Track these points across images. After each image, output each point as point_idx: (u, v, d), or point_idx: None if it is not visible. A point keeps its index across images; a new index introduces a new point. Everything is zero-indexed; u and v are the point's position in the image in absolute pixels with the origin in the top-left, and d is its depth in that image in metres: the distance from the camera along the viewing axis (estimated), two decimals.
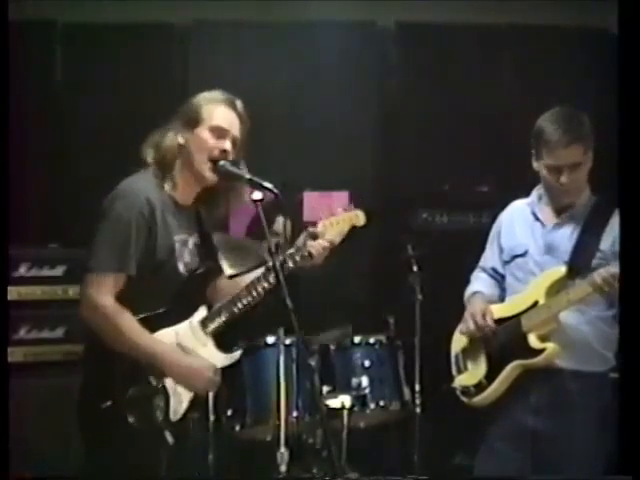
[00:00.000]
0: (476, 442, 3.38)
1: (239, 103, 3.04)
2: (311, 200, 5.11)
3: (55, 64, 5.17)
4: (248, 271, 3.20)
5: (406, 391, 4.04)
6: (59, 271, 4.38)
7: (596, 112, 4.93)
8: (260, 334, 3.85)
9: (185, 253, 3.00)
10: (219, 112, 2.99)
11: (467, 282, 3.55)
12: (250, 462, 4.07)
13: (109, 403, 2.78)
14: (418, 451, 4.24)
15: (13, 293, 4.22)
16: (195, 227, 3.06)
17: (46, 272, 4.38)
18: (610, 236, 3.16)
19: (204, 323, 3.01)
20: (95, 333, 2.82)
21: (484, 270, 3.52)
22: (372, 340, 4.07)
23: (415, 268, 4.40)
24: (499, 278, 3.46)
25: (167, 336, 2.91)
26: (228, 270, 3.33)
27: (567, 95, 5.06)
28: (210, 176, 2.96)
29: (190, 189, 3.01)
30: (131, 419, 2.78)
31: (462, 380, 3.41)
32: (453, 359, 3.48)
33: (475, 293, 3.46)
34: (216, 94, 3.04)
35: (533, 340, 3.16)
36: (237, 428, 3.84)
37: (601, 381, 3.19)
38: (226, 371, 3.06)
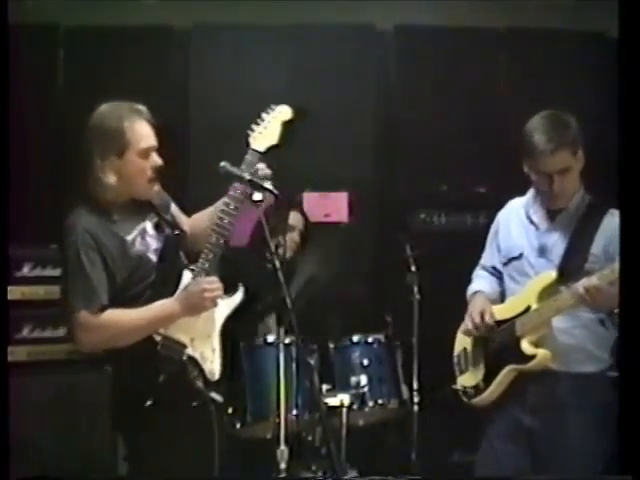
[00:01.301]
0: (474, 440, 3.39)
1: (145, 110, 3.01)
2: (311, 200, 5.14)
3: (57, 67, 5.19)
4: None
5: (404, 389, 4.07)
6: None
7: (594, 114, 5.03)
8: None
9: (149, 239, 3.02)
10: (141, 133, 2.95)
11: (465, 282, 3.56)
12: (250, 460, 4.09)
13: (150, 402, 2.83)
14: (416, 449, 4.26)
15: (16, 293, 4.25)
16: (147, 211, 3.06)
17: (49, 272, 4.40)
18: (602, 239, 3.16)
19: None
20: (108, 349, 2.91)
21: (485, 268, 3.53)
22: (371, 339, 4.10)
23: (413, 268, 4.41)
24: (500, 276, 3.46)
25: None
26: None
27: (565, 97, 5.13)
28: (155, 189, 3.00)
29: (124, 199, 3.01)
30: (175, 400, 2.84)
31: (463, 381, 3.43)
32: (455, 359, 3.49)
33: (476, 292, 3.46)
34: (125, 110, 2.98)
35: (525, 345, 3.15)
36: (237, 426, 3.86)
37: (597, 381, 3.18)
38: (226, 369, 3.08)
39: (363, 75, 5.32)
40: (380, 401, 3.98)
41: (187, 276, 3.02)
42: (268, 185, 2.91)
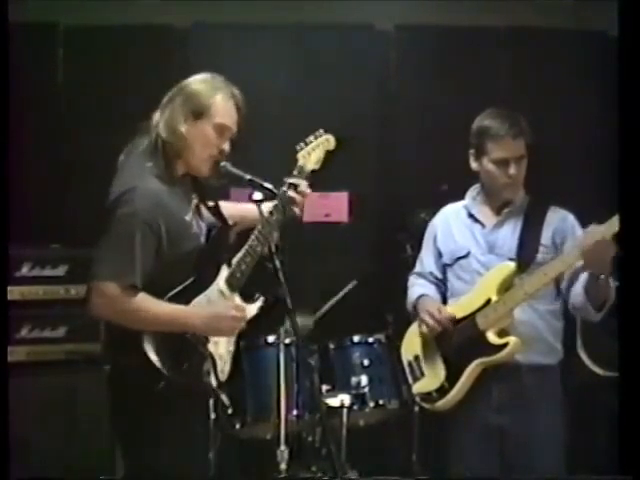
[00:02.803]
0: None
1: (238, 93, 2.99)
2: (311, 200, 5.12)
3: (56, 66, 5.18)
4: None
5: (405, 390, 4.06)
6: (61, 271, 4.40)
7: (594, 113, 5.02)
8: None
9: (201, 223, 2.97)
10: (224, 108, 2.93)
11: None
12: (250, 460, 4.09)
13: (162, 384, 2.76)
14: (417, 449, 4.25)
15: (15, 293, 4.25)
16: (191, 192, 3.00)
17: (48, 272, 4.40)
18: (549, 231, 3.31)
19: (229, 281, 2.98)
20: (115, 324, 2.81)
21: (422, 276, 3.57)
22: (371, 339, 4.10)
23: None
24: (438, 283, 3.52)
25: (200, 304, 2.90)
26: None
27: (565, 96, 5.15)
28: (206, 172, 2.95)
29: (182, 171, 2.97)
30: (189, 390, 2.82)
31: (421, 387, 3.45)
32: (407, 368, 3.53)
33: (421, 296, 3.50)
34: (220, 83, 2.97)
35: (492, 337, 3.21)
36: (237, 426, 3.86)
37: (555, 373, 3.33)
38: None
39: (363, 75, 5.31)
40: (380, 401, 3.97)
41: (225, 271, 2.98)
42: (268, 185, 2.92)
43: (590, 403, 4.42)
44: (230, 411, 3.82)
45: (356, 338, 4.09)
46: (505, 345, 3.17)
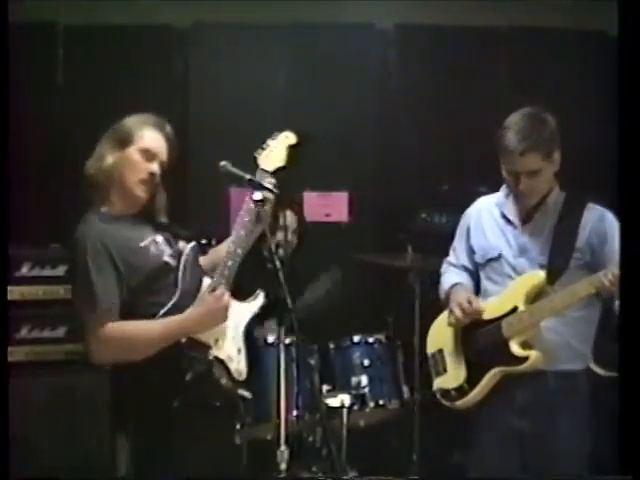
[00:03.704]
0: (474, 440, 3.39)
1: (168, 127, 3.09)
2: (311, 200, 5.14)
3: (56, 66, 5.19)
4: None
5: (405, 390, 4.06)
6: (61, 271, 4.39)
7: (594, 113, 5.02)
8: None
9: (163, 247, 3.05)
10: (149, 134, 3.04)
11: None
12: (250, 460, 4.08)
13: (176, 403, 2.85)
14: (417, 449, 4.26)
15: (15, 293, 4.25)
16: (154, 227, 3.10)
17: (47, 272, 4.39)
18: (585, 233, 3.16)
19: (213, 289, 3.03)
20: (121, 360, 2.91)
21: (455, 266, 3.49)
22: (371, 339, 4.09)
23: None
24: (471, 275, 3.43)
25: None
26: None
27: (565, 96, 5.15)
28: (142, 195, 3.02)
29: (126, 204, 3.05)
30: (211, 400, 2.90)
31: (442, 383, 3.38)
32: (430, 359, 3.46)
33: (455, 284, 3.41)
34: (147, 117, 3.09)
35: (515, 347, 3.13)
36: (237, 426, 3.85)
37: (581, 378, 3.21)
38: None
39: (363, 75, 5.31)
40: (381, 401, 3.97)
41: (206, 283, 3.06)
42: (268, 185, 2.92)
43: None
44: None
45: (356, 338, 4.08)
46: (526, 358, 3.10)
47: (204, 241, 3.51)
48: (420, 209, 5.06)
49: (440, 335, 3.42)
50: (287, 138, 3.26)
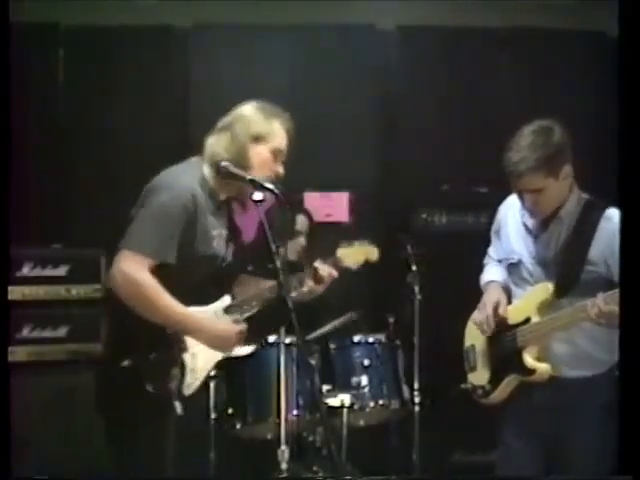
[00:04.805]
0: (474, 441, 3.39)
1: (289, 119, 3.10)
2: (311, 200, 5.14)
3: (57, 66, 5.19)
4: None
5: (405, 390, 4.07)
6: (62, 271, 4.40)
7: (595, 113, 5.03)
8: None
9: (221, 245, 3.03)
10: (282, 134, 3.06)
11: (466, 282, 3.55)
12: (251, 460, 4.09)
13: (127, 363, 2.83)
14: (417, 449, 4.26)
15: (16, 293, 4.25)
16: (226, 220, 3.10)
17: (49, 272, 4.40)
18: (601, 243, 3.08)
19: (228, 310, 3.06)
20: (124, 301, 2.84)
21: (493, 259, 3.48)
22: (371, 339, 4.09)
23: (414, 267, 4.41)
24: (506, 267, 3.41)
25: (209, 319, 3.00)
26: None
27: (566, 96, 5.15)
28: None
29: (225, 193, 3.06)
30: (147, 384, 2.83)
31: (472, 379, 3.40)
32: (464, 354, 3.45)
33: (491, 282, 3.40)
34: (275, 110, 3.08)
35: (527, 358, 3.14)
36: (238, 426, 3.86)
37: (602, 381, 3.15)
38: (227, 369, 3.08)
39: (363, 75, 5.32)
40: (381, 401, 3.97)
41: (226, 300, 3.07)
42: (269, 185, 2.92)
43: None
44: (230, 410, 3.83)
45: (356, 338, 4.09)
46: (535, 370, 3.12)
47: None
48: (420, 209, 5.06)
49: (474, 329, 3.40)
50: (372, 252, 3.41)
